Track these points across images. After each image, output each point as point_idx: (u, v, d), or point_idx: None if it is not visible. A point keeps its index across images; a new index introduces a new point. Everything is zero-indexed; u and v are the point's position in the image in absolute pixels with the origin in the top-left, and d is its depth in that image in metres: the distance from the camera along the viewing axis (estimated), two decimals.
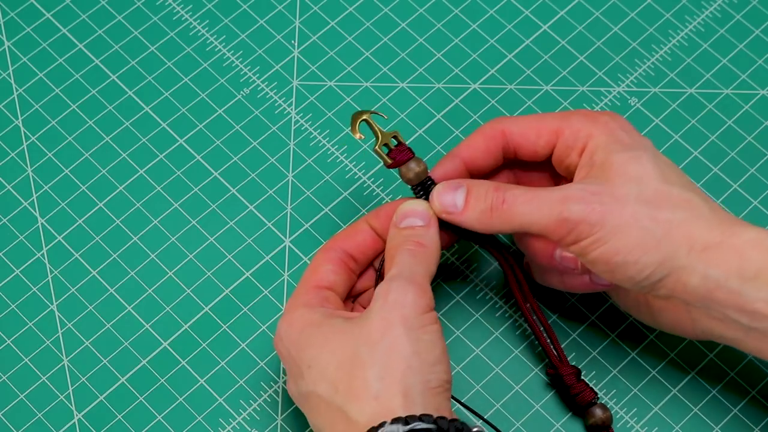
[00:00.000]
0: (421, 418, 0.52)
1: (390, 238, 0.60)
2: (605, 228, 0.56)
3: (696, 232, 0.56)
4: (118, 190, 0.69)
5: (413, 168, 0.60)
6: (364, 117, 0.60)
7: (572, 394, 0.62)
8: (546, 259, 0.61)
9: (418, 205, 0.60)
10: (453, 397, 0.60)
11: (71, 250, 0.68)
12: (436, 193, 0.60)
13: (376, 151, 0.60)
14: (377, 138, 0.60)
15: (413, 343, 0.54)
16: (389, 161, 0.60)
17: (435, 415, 0.52)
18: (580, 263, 0.60)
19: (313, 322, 0.57)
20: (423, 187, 0.60)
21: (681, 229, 0.56)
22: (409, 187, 0.61)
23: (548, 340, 0.63)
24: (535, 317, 0.62)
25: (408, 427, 0.52)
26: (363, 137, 0.60)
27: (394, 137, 0.60)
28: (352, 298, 0.63)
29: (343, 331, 0.56)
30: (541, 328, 0.63)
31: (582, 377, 0.63)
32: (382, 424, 0.52)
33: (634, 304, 0.61)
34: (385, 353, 0.54)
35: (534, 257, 0.62)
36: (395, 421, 0.52)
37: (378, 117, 0.62)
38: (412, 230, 0.59)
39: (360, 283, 0.62)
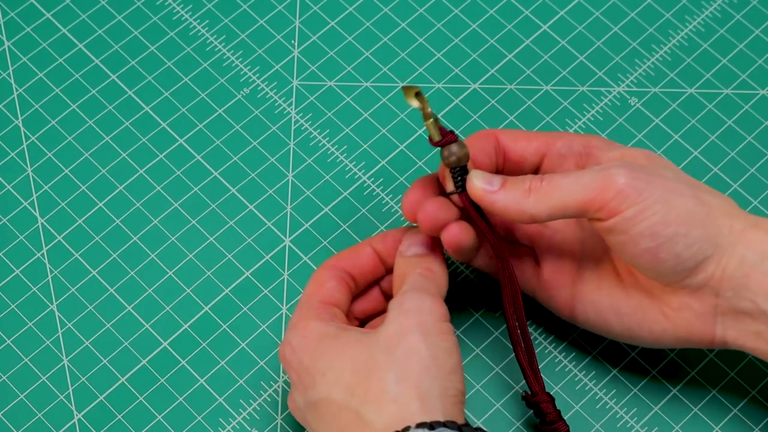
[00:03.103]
0: (446, 424, 0.51)
1: (397, 266, 0.60)
2: (653, 197, 0.55)
3: (733, 218, 0.56)
4: (118, 190, 0.69)
5: (457, 151, 0.58)
6: (417, 90, 0.58)
7: (547, 422, 0.60)
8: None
9: (422, 235, 0.60)
10: None
11: (71, 250, 0.68)
12: (474, 174, 0.58)
13: (427, 126, 0.58)
14: (428, 114, 0.58)
15: (431, 347, 0.54)
16: (438, 138, 0.58)
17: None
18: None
19: (329, 334, 0.57)
20: (461, 174, 0.59)
21: (720, 211, 0.56)
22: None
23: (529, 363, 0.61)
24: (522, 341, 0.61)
25: None
26: (419, 106, 0.58)
27: (436, 119, 0.59)
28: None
29: (360, 340, 0.55)
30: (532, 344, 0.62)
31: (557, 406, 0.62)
32: (406, 429, 0.51)
33: (640, 312, 0.59)
34: (402, 357, 0.54)
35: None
36: (421, 425, 0.51)
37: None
38: (419, 258, 0.59)
39: (358, 305, 0.62)
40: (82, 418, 0.64)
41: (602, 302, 0.60)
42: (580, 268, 0.61)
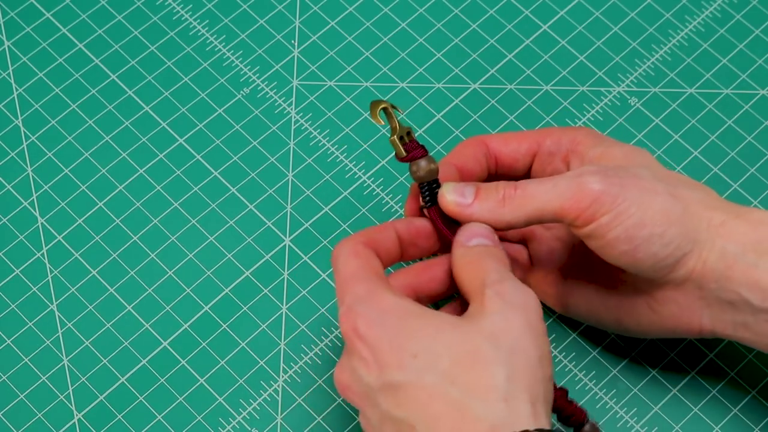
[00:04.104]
0: None
1: (462, 255, 0.56)
2: (627, 200, 0.55)
3: (712, 210, 0.56)
4: (118, 190, 0.69)
5: (424, 166, 0.58)
6: (384, 105, 0.58)
7: (564, 416, 0.59)
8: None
9: (484, 227, 0.57)
10: None
11: (71, 250, 0.68)
12: (446, 188, 0.58)
13: (392, 142, 0.58)
14: (394, 129, 0.58)
15: (538, 349, 0.52)
16: (404, 154, 0.58)
17: None
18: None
19: (413, 311, 0.53)
20: (430, 188, 0.59)
21: (699, 205, 0.56)
22: (414, 183, 0.60)
23: None
24: None
25: None
26: (383, 123, 0.59)
27: (408, 133, 0.59)
28: None
29: (457, 325, 0.52)
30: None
31: (570, 397, 0.62)
32: None
33: (628, 304, 0.60)
34: (511, 353, 0.51)
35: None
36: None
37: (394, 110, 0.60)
38: (486, 248, 0.56)
39: None
40: (82, 418, 0.64)
41: (593, 295, 0.61)
42: (572, 263, 0.62)
